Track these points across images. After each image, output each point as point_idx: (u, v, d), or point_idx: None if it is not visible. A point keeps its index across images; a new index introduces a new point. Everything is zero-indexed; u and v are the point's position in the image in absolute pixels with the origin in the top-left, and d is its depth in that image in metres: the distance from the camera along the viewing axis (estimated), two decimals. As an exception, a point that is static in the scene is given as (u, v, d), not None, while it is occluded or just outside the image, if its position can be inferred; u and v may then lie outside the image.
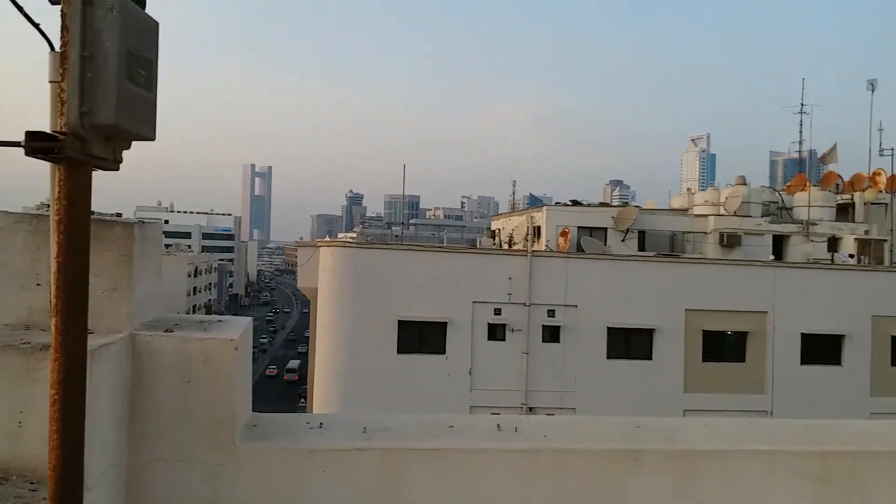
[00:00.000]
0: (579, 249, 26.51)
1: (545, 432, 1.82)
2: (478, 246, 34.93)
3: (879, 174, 33.48)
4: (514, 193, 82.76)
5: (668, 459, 1.66)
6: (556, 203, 35.49)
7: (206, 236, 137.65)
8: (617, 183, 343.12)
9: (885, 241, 29.37)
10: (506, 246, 32.16)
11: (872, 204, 31.62)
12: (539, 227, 28.99)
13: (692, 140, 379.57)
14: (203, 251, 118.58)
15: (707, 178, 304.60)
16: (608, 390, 22.37)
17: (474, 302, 22.59)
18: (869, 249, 28.82)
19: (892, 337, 23.37)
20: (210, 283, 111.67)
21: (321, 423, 2.09)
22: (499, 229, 35.98)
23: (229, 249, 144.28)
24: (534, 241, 27.81)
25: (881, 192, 32.14)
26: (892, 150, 33.30)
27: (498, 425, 1.90)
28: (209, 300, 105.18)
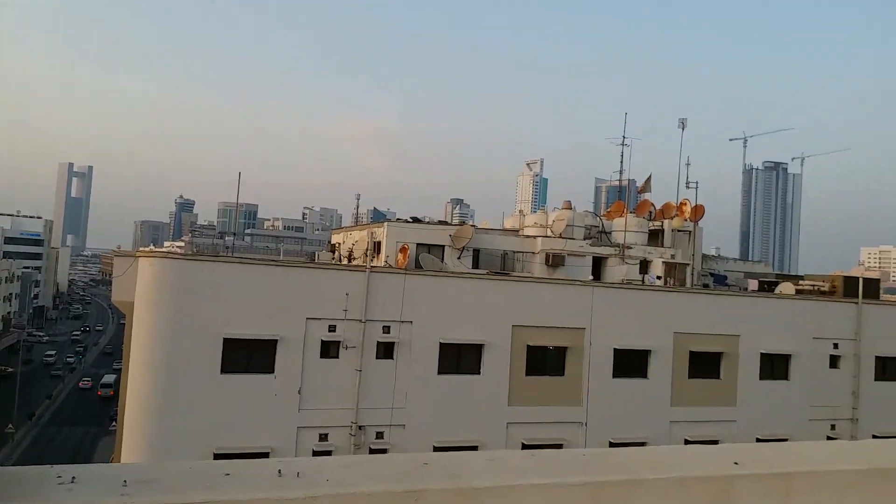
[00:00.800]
0: (417, 266, 26.86)
1: (328, 475, 1.72)
2: (316, 260, 34.24)
3: (685, 204, 37.28)
4: (357, 207, 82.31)
5: (449, 498, 1.62)
6: (398, 219, 35.76)
7: (8, 241, 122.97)
8: (458, 201, 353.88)
9: (688, 264, 32.74)
10: (345, 260, 31.83)
11: (679, 231, 35.17)
12: (379, 243, 29.03)
13: (527, 164, 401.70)
14: (4, 257, 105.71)
15: (539, 200, 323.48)
16: (438, 405, 22.77)
17: (308, 318, 22.04)
18: (674, 272, 31.95)
19: (691, 352, 26.01)
20: (11, 294, 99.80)
21: (73, 477, 1.82)
22: (339, 243, 35.56)
23: (37, 256, 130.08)
24: (374, 257, 27.77)
25: (686, 220, 35.85)
26: (696, 183, 37.34)
27: (279, 471, 1.77)
28: (8, 313, 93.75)
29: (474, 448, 23.05)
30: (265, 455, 21.00)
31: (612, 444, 24.39)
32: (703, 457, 1.91)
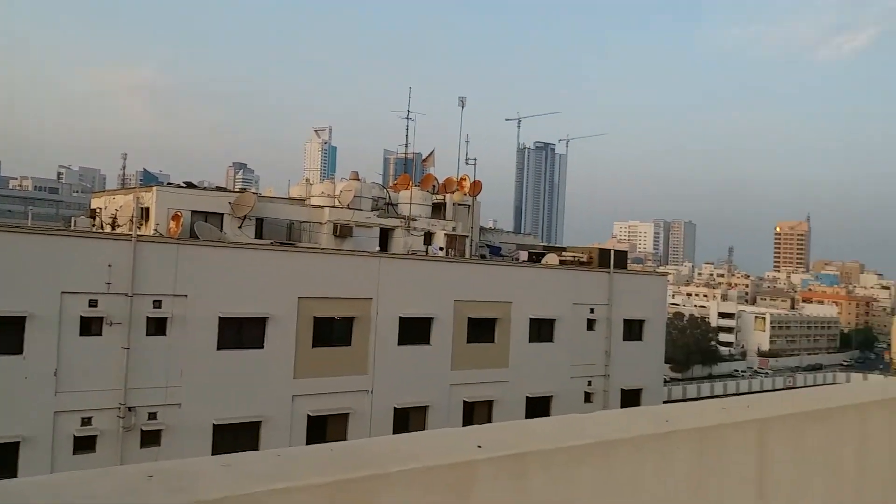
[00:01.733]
0: (192, 235, 25.12)
1: (19, 502, 1.44)
2: (73, 226, 30.53)
3: (465, 179, 39.11)
4: (124, 168, 74.85)
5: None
6: (170, 184, 33.06)
7: None
8: (241, 166, 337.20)
9: (467, 236, 34.54)
10: (108, 228, 28.76)
11: (459, 205, 36.87)
12: (148, 209, 26.63)
13: (316, 131, 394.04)
14: None
15: (328, 169, 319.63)
16: (218, 382, 21.71)
17: (64, 292, 19.64)
18: (455, 243, 33.52)
19: (469, 318, 27.58)
20: None
21: None
22: (100, 208, 32.00)
23: None
24: (141, 225, 25.41)
25: (466, 194, 37.68)
26: (475, 159, 39.35)
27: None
28: None
29: (257, 424, 22.48)
30: (14, 445, 18.61)
31: (396, 410, 25.21)
32: (449, 442, 1.93)
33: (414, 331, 26.33)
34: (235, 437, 21.63)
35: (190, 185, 30.31)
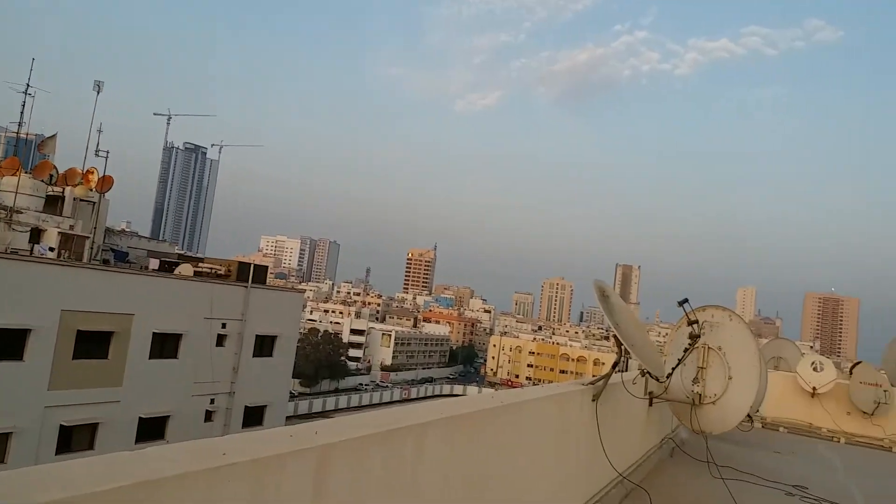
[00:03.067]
0: None
1: None
2: None
3: (93, 172, 34.83)
4: None
5: None
6: None
7: None
8: None
9: (88, 237, 30.68)
10: None
11: (82, 200, 32.65)
12: None
13: None
14: None
15: None
16: None
17: None
18: (72, 244, 29.47)
19: (78, 331, 24.32)
20: None
21: None
22: None
23: None
24: None
25: (92, 189, 33.54)
26: (108, 152, 35.28)
27: None
28: None
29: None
30: None
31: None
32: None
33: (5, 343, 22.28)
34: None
35: None
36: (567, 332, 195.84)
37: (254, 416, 31.01)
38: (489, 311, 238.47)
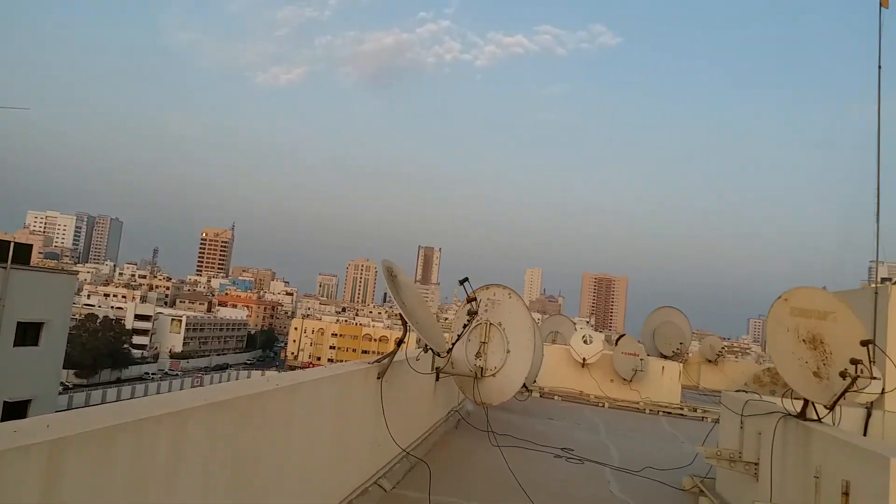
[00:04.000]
0: None
1: None
2: None
3: None
4: None
5: None
6: None
7: None
8: None
9: None
10: None
11: None
12: None
13: None
14: None
15: None
16: None
17: None
18: None
19: None
20: None
21: None
22: None
23: None
24: None
25: None
26: None
27: None
28: None
29: None
30: None
31: None
32: None
33: None
34: None
35: None
36: (371, 312, 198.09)
37: (16, 412, 27.39)
38: (291, 294, 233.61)
